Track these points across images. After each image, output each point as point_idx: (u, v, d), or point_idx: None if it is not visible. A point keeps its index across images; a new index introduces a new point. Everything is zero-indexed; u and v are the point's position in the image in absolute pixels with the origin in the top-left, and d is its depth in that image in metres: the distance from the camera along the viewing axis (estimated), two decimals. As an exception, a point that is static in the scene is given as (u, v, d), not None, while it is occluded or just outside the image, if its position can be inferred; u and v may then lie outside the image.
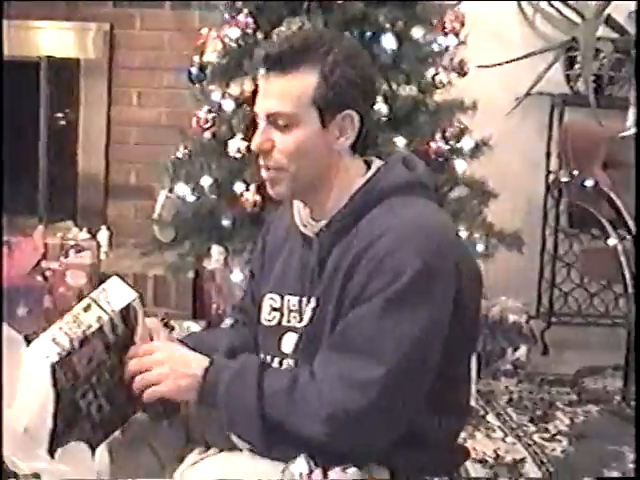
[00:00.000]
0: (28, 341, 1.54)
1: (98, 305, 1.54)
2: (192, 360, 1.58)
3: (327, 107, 1.58)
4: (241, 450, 1.56)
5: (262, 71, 1.61)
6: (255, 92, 1.70)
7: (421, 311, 1.49)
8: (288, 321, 1.67)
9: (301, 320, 1.64)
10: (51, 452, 1.49)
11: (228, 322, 1.92)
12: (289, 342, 1.66)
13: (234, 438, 1.58)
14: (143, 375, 1.56)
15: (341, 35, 1.82)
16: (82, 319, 1.52)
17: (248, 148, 3.06)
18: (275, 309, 1.70)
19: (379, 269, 1.51)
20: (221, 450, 1.61)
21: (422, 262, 1.49)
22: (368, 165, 1.66)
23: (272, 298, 1.71)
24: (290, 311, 1.67)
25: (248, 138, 3.07)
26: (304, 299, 1.64)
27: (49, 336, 1.50)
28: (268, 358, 1.70)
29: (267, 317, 1.71)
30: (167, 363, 1.56)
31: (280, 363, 1.67)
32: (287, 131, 1.58)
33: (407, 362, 1.48)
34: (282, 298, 1.69)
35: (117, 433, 1.63)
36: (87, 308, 1.53)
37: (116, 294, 1.56)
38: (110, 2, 4.27)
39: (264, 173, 1.64)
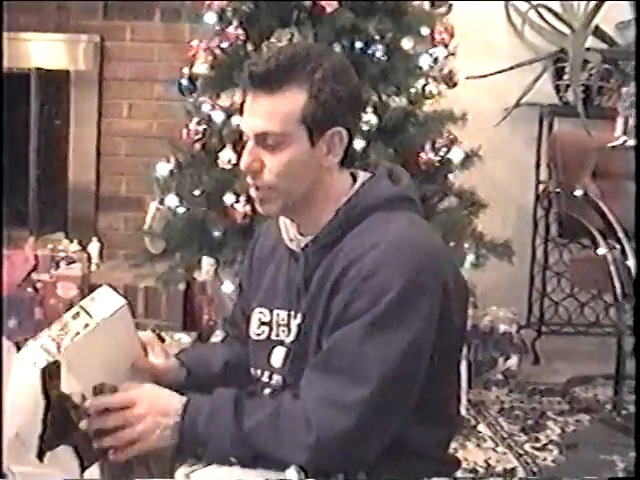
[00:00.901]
0: (18, 348, 1.54)
1: (87, 313, 1.54)
2: (170, 408, 1.55)
3: (316, 125, 1.56)
4: (231, 464, 1.56)
5: (248, 89, 1.58)
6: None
7: (404, 332, 1.49)
8: (277, 335, 1.67)
9: (289, 334, 1.64)
10: (40, 456, 1.50)
11: (219, 334, 1.92)
12: (278, 356, 1.66)
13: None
14: (126, 431, 1.54)
15: (329, 49, 1.80)
16: (70, 327, 1.53)
17: (238, 159, 3.06)
18: (264, 323, 1.70)
19: (362, 289, 1.50)
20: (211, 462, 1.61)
21: (405, 282, 1.49)
22: (354, 178, 1.66)
23: (261, 312, 1.71)
24: (279, 325, 1.67)
25: (238, 149, 3.07)
26: (292, 313, 1.65)
27: (38, 343, 1.51)
28: (258, 372, 1.70)
29: (256, 331, 1.71)
30: (149, 416, 1.54)
31: (270, 377, 1.67)
32: (276, 151, 1.56)
33: (391, 382, 1.48)
34: (271, 312, 1.69)
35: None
36: (76, 316, 1.54)
37: (105, 302, 1.57)
38: (100, 14, 4.28)
39: (253, 192, 1.62)
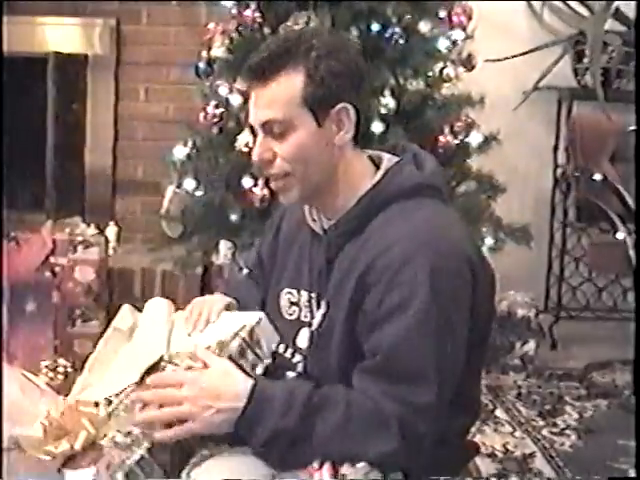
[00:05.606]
0: None
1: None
2: (225, 392, 1.52)
3: (319, 105, 1.56)
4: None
5: (248, 84, 1.61)
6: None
7: (446, 322, 1.50)
8: (305, 316, 1.68)
9: (312, 317, 1.65)
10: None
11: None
12: (303, 337, 1.67)
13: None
14: (175, 409, 1.52)
15: (323, 30, 1.81)
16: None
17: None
18: (293, 303, 1.71)
19: (393, 284, 1.50)
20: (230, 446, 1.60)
21: (436, 271, 1.49)
22: (375, 163, 1.65)
23: (290, 293, 1.72)
24: (305, 306, 1.68)
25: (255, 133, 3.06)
26: (313, 295, 1.66)
27: None
28: (282, 347, 1.72)
29: (288, 311, 1.72)
30: (199, 399, 1.51)
31: (292, 355, 1.69)
32: (284, 138, 1.57)
33: (449, 373, 1.51)
34: (298, 293, 1.70)
35: None
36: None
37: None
38: (117, -3, 4.27)
39: (272, 183, 1.63)
